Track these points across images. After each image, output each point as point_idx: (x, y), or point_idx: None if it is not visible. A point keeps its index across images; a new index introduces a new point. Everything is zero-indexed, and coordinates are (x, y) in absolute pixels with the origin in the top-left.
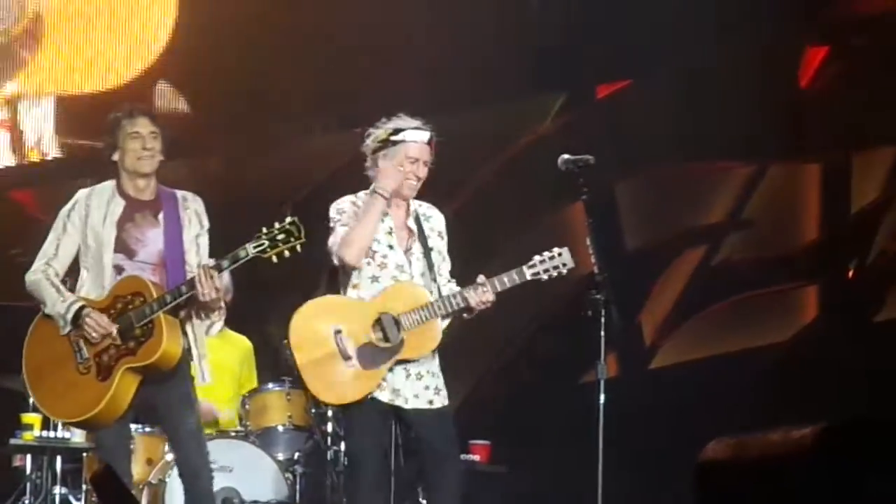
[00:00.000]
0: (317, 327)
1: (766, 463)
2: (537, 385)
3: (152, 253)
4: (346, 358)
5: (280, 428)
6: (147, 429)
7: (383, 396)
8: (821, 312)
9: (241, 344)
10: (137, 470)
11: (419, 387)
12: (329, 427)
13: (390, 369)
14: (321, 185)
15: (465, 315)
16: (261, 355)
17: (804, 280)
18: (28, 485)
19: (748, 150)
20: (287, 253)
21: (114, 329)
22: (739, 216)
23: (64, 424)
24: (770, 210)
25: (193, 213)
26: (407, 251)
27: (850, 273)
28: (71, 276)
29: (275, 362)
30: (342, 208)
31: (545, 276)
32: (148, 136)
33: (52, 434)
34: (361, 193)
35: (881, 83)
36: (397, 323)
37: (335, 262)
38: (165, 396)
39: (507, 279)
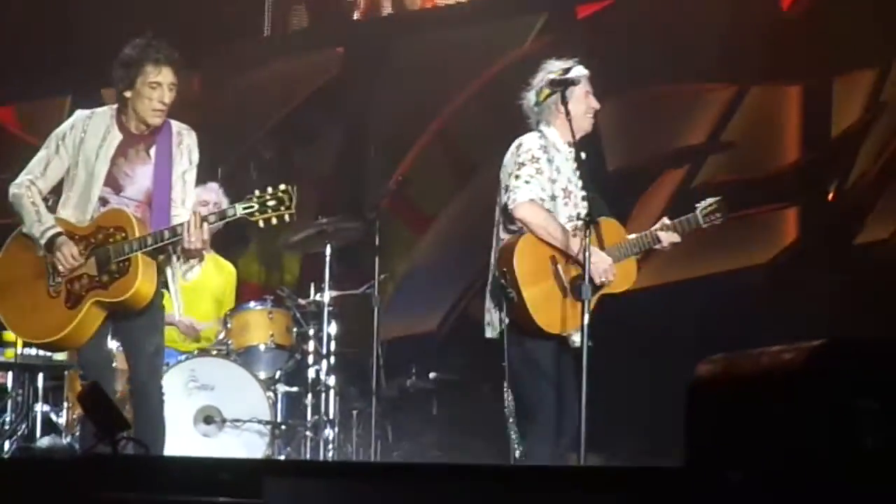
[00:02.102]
0: (538, 259)
1: (756, 382)
2: None
3: (139, 190)
4: (563, 288)
5: (262, 347)
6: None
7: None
8: (801, 234)
9: (227, 268)
10: (119, 386)
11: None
12: (311, 346)
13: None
14: (299, 106)
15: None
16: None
17: (785, 202)
18: (9, 402)
19: (729, 71)
20: (274, 220)
21: (82, 263)
22: (720, 138)
23: (24, 344)
24: (751, 132)
25: (185, 149)
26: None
27: (831, 195)
28: (54, 194)
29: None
30: (533, 154)
31: (709, 223)
32: (167, 89)
33: (33, 352)
34: (539, 139)
35: (863, 6)
36: None
37: (508, 206)
38: (130, 320)
39: (687, 224)
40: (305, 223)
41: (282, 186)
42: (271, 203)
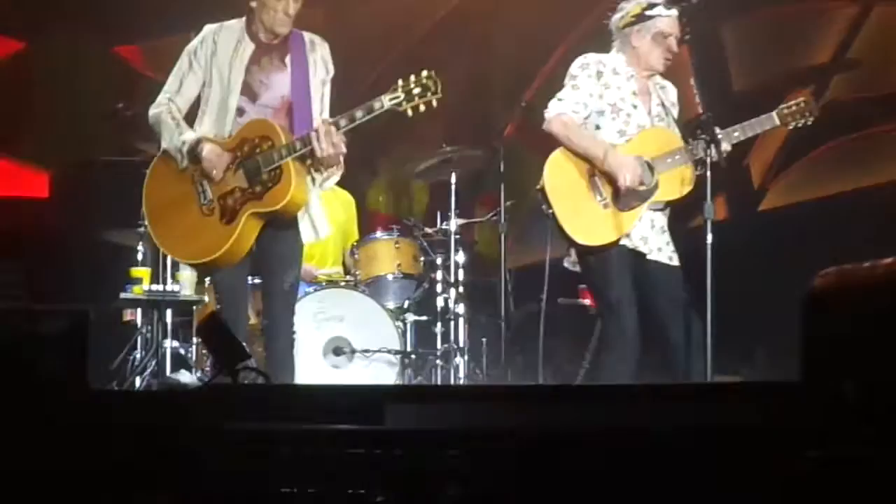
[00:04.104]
0: (571, 173)
1: (874, 290)
2: None
3: (276, 97)
4: (602, 200)
5: (389, 276)
6: (257, 280)
7: (629, 243)
8: None
9: (346, 199)
10: (253, 319)
11: (663, 240)
12: (439, 275)
13: (640, 218)
14: (423, 36)
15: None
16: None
17: None
18: (139, 339)
19: None
20: (423, 107)
21: (227, 161)
22: (846, 56)
23: (173, 275)
24: (877, 49)
25: (320, 59)
26: (649, 113)
27: None
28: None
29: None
30: (572, 72)
31: (789, 123)
32: (291, 0)
33: (161, 287)
34: (606, 57)
35: None
36: (650, 167)
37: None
38: (270, 249)
39: (750, 128)
40: (431, 152)
41: (424, 72)
42: (417, 90)
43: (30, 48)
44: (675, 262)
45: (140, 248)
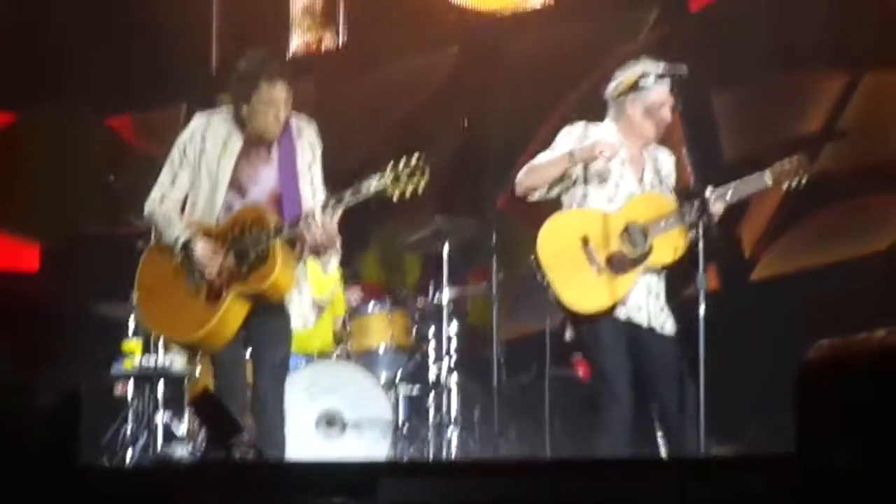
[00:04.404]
0: (564, 240)
1: (869, 362)
2: None
3: (264, 190)
4: (596, 266)
5: (382, 348)
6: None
7: (624, 312)
8: None
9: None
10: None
11: (657, 307)
12: (431, 347)
13: (636, 282)
14: (417, 107)
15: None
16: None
17: None
18: (130, 412)
19: (843, 59)
20: (410, 191)
21: (220, 259)
22: (835, 126)
23: (165, 348)
24: (866, 119)
25: (307, 143)
26: (641, 181)
27: None
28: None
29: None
30: (570, 134)
31: (782, 182)
32: (282, 105)
33: (152, 361)
34: (596, 127)
35: None
36: (644, 232)
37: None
38: (261, 325)
39: (743, 187)
40: (423, 222)
41: (415, 155)
42: (405, 172)
43: (20, 120)
44: (670, 330)
45: (131, 321)
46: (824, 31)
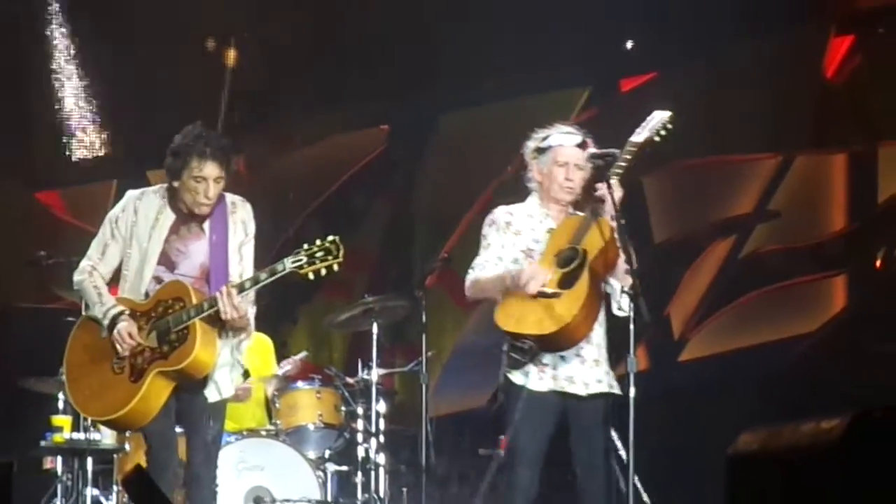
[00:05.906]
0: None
1: (796, 454)
2: None
3: (194, 266)
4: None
5: (311, 426)
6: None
7: (556, 385)
8: (849, 302)
9: (260, 342)
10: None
11: (593, 376)
12: (359, 425)
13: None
14: (344, 183)
15: None
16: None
17: (832, 270)
18: (59, 486)
19: (775, 141)
20: (324, 271)
21: (140, 340)
22: (767, 207)
23: (94, 423)
24: (797, 201)
25: (240, 222)
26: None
27: (878, 262)
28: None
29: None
30: (494, 223)
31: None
32: (213, 183)
33: (82, 436)
34: (518, 206)
35: None
36: (573, 249)
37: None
38: (191, 403)
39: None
40: (352, 302)
41: (329, 237)
42: (320, 254)
43: None
44: (602, 390)
45: (60, 396)
46: (756, 114)
